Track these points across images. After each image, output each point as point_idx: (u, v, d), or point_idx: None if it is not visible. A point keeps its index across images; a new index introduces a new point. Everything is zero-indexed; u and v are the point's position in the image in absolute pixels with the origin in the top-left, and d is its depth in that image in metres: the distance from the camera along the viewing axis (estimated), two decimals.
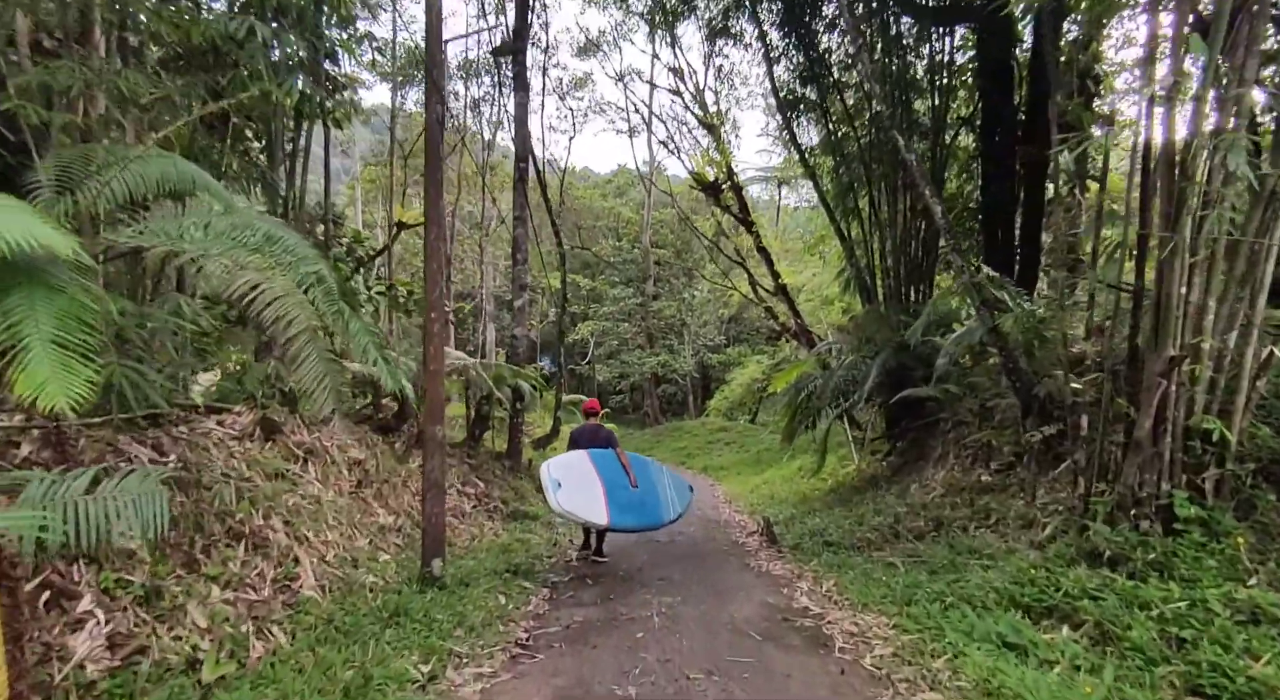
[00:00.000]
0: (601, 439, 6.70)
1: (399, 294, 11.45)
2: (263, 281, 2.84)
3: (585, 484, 5.96)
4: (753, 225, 15.60)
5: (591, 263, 34.56)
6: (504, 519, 8.12)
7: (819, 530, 7.59)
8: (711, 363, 30.85)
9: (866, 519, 7.56)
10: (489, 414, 9.49)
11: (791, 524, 8.55)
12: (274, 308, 2.85)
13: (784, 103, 12.44)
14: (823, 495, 10.70)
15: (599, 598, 5.05)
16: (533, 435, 12.80)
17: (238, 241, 2.99)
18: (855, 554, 6.44)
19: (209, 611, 3.06)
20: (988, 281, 6.02)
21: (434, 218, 4.88)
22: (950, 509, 6.69)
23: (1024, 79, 11.09)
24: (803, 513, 9.39)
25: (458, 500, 7.55)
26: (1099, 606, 3.72)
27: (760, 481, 15.25)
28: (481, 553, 6.27)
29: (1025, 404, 5.99)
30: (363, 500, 5.68)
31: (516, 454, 9.97)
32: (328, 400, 3.22)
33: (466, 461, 8.94)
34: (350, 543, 4.84)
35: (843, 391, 10.36)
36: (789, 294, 15.62)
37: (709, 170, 15.61)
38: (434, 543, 4.96)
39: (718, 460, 23.27)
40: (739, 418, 27.34)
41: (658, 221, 31.36)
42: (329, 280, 3.31)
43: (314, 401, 3.17)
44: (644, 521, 6.24)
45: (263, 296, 2.82)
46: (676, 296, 31.08)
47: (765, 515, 9.10)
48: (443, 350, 4.98)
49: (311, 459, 5.29)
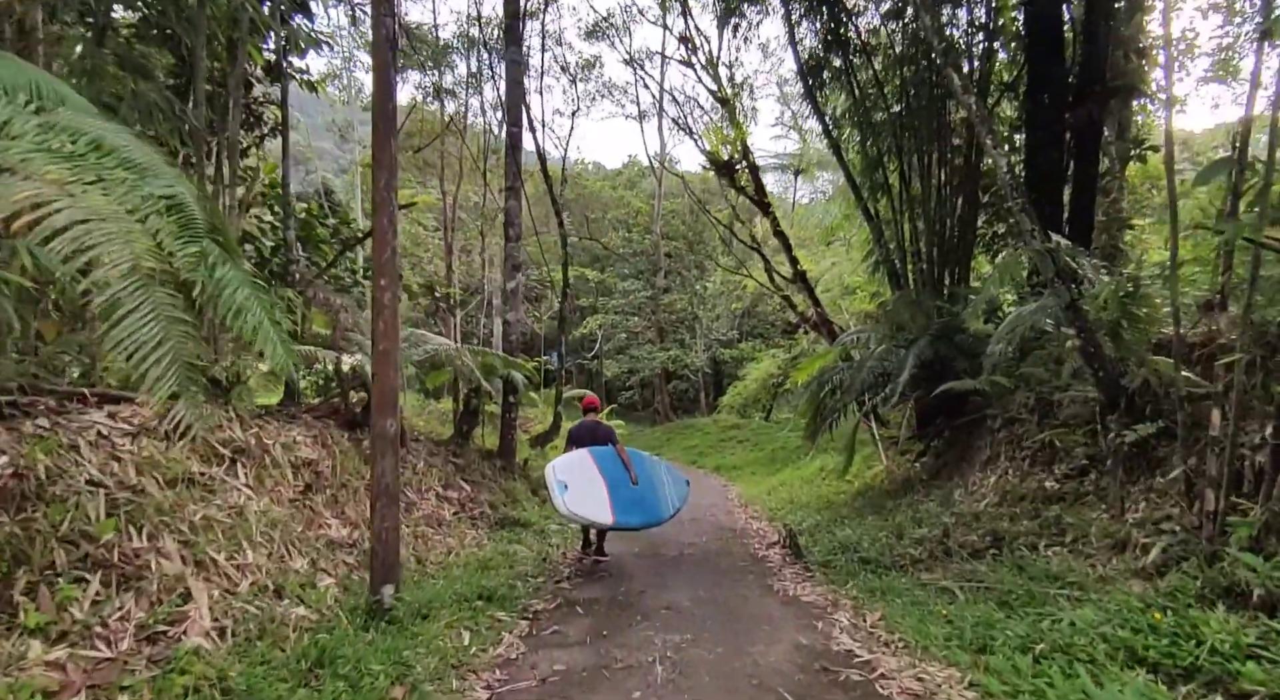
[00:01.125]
0: (601, 436, 6.56)
1: None
2: (55, 199, 1.89)
3: (590, 484, 5.89)
4: (769, 207, 14.55)
5: (601, 256, 33.60)
6: (490, 526, 7.17)
7: (851, 543, 6.57)
8: (724, 358, 29.80)
9: (906, 530, 6.53)
10: (478, 408, 8.55)
11: (817, 534, 7.54)
12: (71, 238, 1.90)
13: (806, 69, 11.38)
14: (849, 500, 9.67)
15: (589, 634, 4.08)
16: (531, 432, 11.86)
17: (43, 146, 2.06)
18: (899, 575, 5.43)
19: (9, 685, 2.13)
20: (1064, 249, 4.97)
21: (384, 161, 3.92)
22: (1009, 521, 5.65)
23: (1077, 36, 9.99)
24: (829, 520, 8.37)
25: (436, 506, 6.61)
26: (1268, 672, 2.70)
27: (777, 483, 14.23)
28: (456, 570, 5.32)
29: (1109, 397, 4.94)
30: (309, 509, 4.74)
31: (509, 452, 9.02)
32: (167, 379, 2.26)
33: (452, 461, 8.00)
34: (281, 565, 3.89)
35: (871, 385, 9.33)
36: (808, 282, 14.57)
37: (723, 150, 14.59)
38: (385, 565, 4.01)
39: (731, 459, 22.26)
40: (753, 415, 26.30)
41: (668, 211, 30.32)
42: (190, 208, 2.37)
43: (148, 380, 2.20)
44: (646, 519, 6.24)
45: (52, 221, 1.87)
46: (688, 289, 30.05)
47: (787, 524, 8.10)
48: (396, 326, 4.02)
49: (242, 460, 4.36)
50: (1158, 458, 4.63)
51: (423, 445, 7.86)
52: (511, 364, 8.37)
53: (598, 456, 6.25)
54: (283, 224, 7.22)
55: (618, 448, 6.45)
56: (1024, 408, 7.06)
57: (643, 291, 30.52)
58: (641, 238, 31.35)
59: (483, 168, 19.10)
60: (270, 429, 5.04)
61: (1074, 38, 10.07)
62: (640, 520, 6.19)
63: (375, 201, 3.97)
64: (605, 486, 6.01)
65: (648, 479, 6.64)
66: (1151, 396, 4.79)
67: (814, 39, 11.45)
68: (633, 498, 6.19)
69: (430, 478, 7.04)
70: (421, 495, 6.59)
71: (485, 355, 7.67)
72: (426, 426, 9.95)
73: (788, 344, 21.70)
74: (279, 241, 8.81)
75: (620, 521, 5.92)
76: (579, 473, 5.95)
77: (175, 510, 3.40)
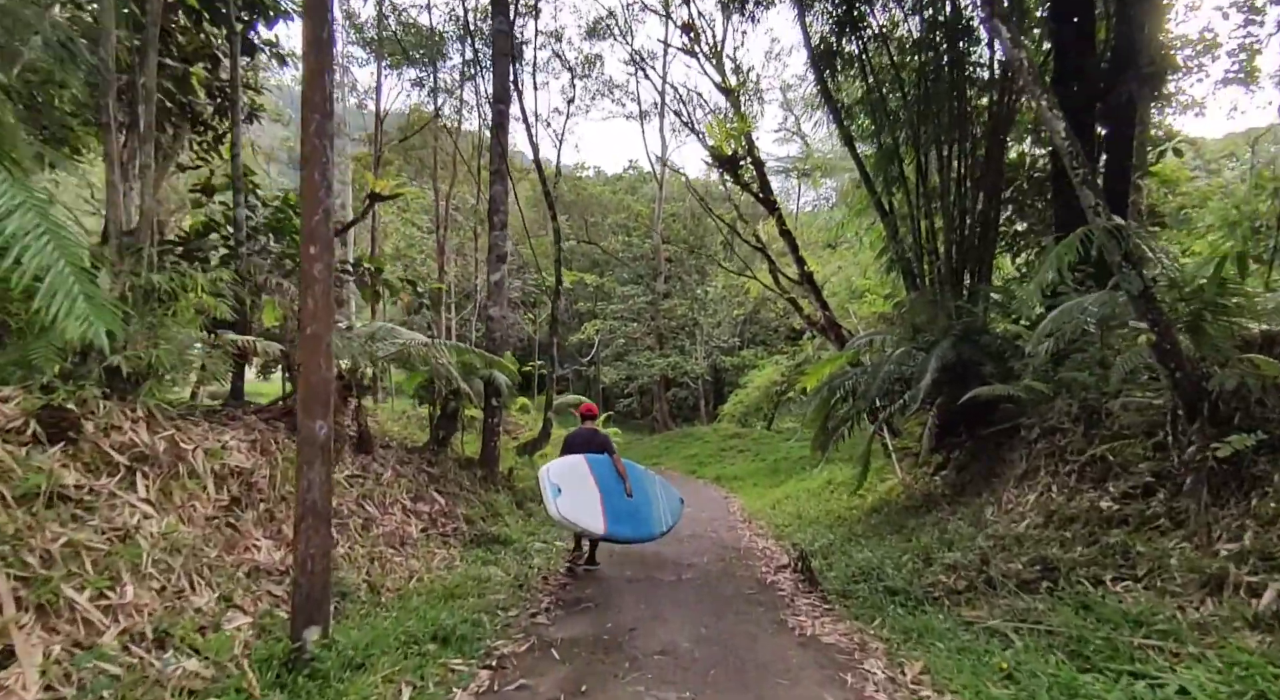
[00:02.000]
0: (597, 444, 6.42)
1: (364, 271, 9.81)
2: None
3: (584, 491, 5.77)
4: (775, 205, 13.85)
5: (600, 261, 32.90)
6: (465, 544, 6.37)
7: (873, 568, 5.77)
8: (724, 365, 29.01)
9: (935, 554, 5.73)
10: (457, 412, 7.77)
11: (832, 555, 6.73)
12: None
13: (818, 55, 10.68)
14: (863, 516, 8.87)
15: (564, 690, 3.28)
16: (519, 438, 11.07)
17: None
18: (935, 610, 4.63)
19: None
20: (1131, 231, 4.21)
21: (316, 101, 3.16)
22: (1059, 547, 4.86)
23: (1109, 18, 9.31)
24: (843, 539, 7.57)
25: (401, 522, 5.81)
26: None
27: (781, 496, 13.40)
28: (415, 599, 4.53)
29: (1188, 403, 4.17)
30: (232, 528, 3.95)
31: (492, 461, 8.22)
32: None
33: (425, 470, 7.21)
34: (176, 603, 3.10)
35: (888, 391, 8.56)
36: (815, 283, 13.84)
37: (727, 145, 13.89)
38: (310, 602, 3.22)
39: (731, 469, 21.43)
40: (754, 424, 25.50)
41: (669, 215, 29.64)
42: None
43: None
44: (638, 533, 6.15)
45: None
46: (688, 294, 29.29)
47: (798, 543, 7.31)
48: (329, 306, 3.24)
49: (144, 469, 3.57)
50: (1254, 476, 3.85)
51: (393, 452, 7.07)
52: (494, 363, 7.60)
53: (594, 464, 6.09)
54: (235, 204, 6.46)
55: (614, 458, 6.28)
56: (1065, 416, 6.28)
57: (642, 296, 29.77)
58: (642, 241, 30.64)
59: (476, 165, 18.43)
60: (194, 432, 4.26)
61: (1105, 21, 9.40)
62: (632, 533, 6.08)
63: (304, 152, 3.20)
64: (599, 494, 5.87)
65: (643, 492, 6.50)
66: (1241, 402, 4.03)
67: (825, 24, 10.76)
68: (626, 509, 6.06)
69: (397, 489, 6.25)
70: (385, 510, 5.79)
71: (464, 353, 6.90)
72: (404, 432, 9.15)
73: (791, 350, 20.94)
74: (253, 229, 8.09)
75: (612, 531, 5.77)
76: (574, 478, 5.81)
77: (21, 536, 2.61)
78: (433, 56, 18.16)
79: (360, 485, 5.68)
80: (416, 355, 6.32)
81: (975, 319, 8.46)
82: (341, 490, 5.35)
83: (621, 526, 5.89)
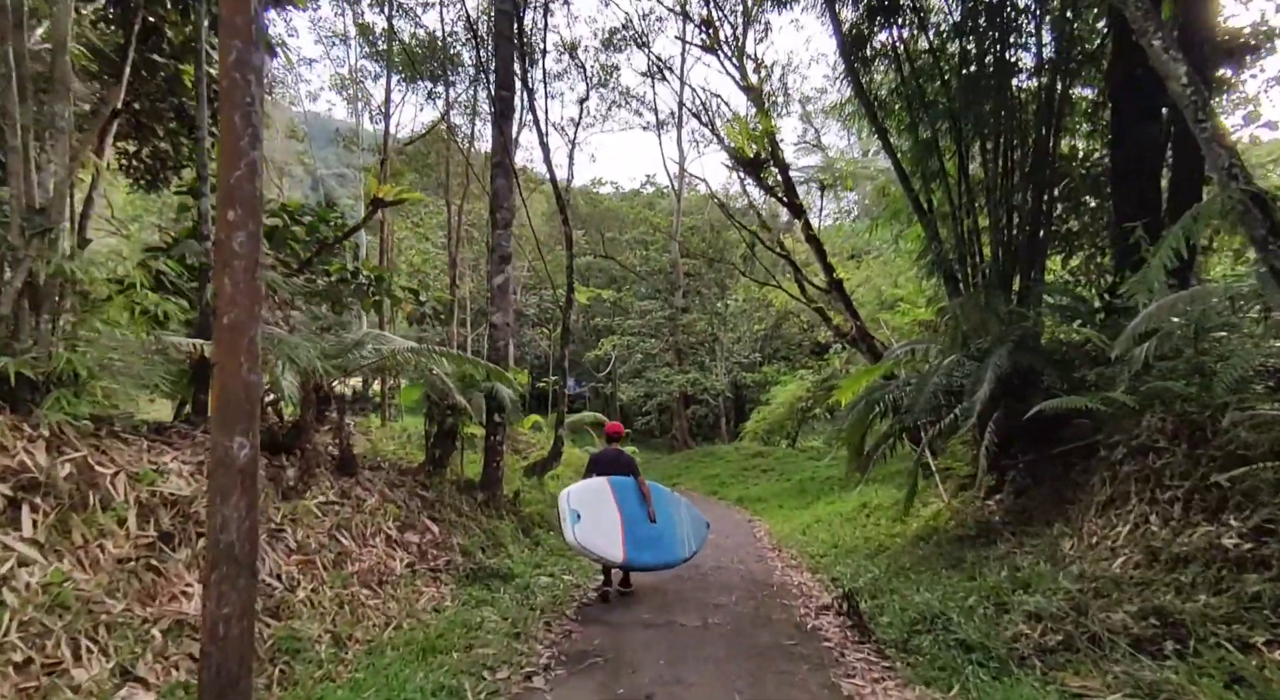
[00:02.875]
0: (623, 465, 6.26)
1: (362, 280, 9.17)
2: None
3: (604, 516, 5.62)
4: (801, 209, 13.06)
5: (617, 276, 32.31)
6: (460, 581, 5.57)
7: (934, 613, 4.85)
8: (745, 382, 28.08)
9: (1009, 598, 4.81)
10: (456, 429, 7.01)
11: (882, 594, 5.81)
12: None
13: (848, 43, 9.95)
14: (908, 546, 7.93)
15: None
16: (529, 458, 10.30)
17: None
18: (1025, 674, 3.73)
19: None
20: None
21: (235, 24, 2.45)
22: (1177, 594, 3.94)
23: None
24: (890, 574, 6.65)
25: (384, 556, 5.04)
26: None
27: (811, 520, 12.44)
28: (388, 655, 3.73)
29: None
30: (154, 573, 3.20)
31: (494, 484, 7.42)
32: None
33: (419, 495, 6.45)
34: (43, 681, 2.33)
35: (936, 406, 7.66)
36: (845, 292, 12.97)
37: (749, 146, 13.18)
38: (223, 678, 2.44)
39: (755, 490, 20.44)
40: (777, 442, 24.49)
41: (688, 228, 28.96)
42: None
43: None
44: (660, 559, 5.99)
45: None
46: (708, 309, 28.49)
47: (839, 581, 6.42)
48: (255, 289, 2.50)
49: (34, 500, 2.84)
50: None
51: (382, 474, 6.33)
52: (497, 375, 6.85)
53: (617, 487, 5.93)
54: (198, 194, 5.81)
55: (639, 480, 6.14)
56: (1159, 433, 5.35)
57: (660, 311, 29.04)
58: (660, 255, 29.97)
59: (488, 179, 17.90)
60: (121, 454, 3.53)
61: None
62: (653, 560, 5.90)
63: (222, 90, 2.49)
64: (620, 520, 5.70)
65: (666, 517, 6.29)
66: None
67: (856, 10, 10.04)
68: (649, 535, 5.88)
69: (382, 517, 5.48)
70: (365, 542, 5.02)
71: (462, 361, 6.14)
72: (402, 451, 8.41)
73: (817, 365, 19.99)
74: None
75: (632, 559, 5.63)
76: (594, 503, 5.65)
77: None
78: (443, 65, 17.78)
79: (336, 513, 4.92)
80: (405, 364, 5.58)
81: (1031, 324, 7.57)
82: (312, 520, 4.59)
83: (643, 554, 5.75)
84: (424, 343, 7.64)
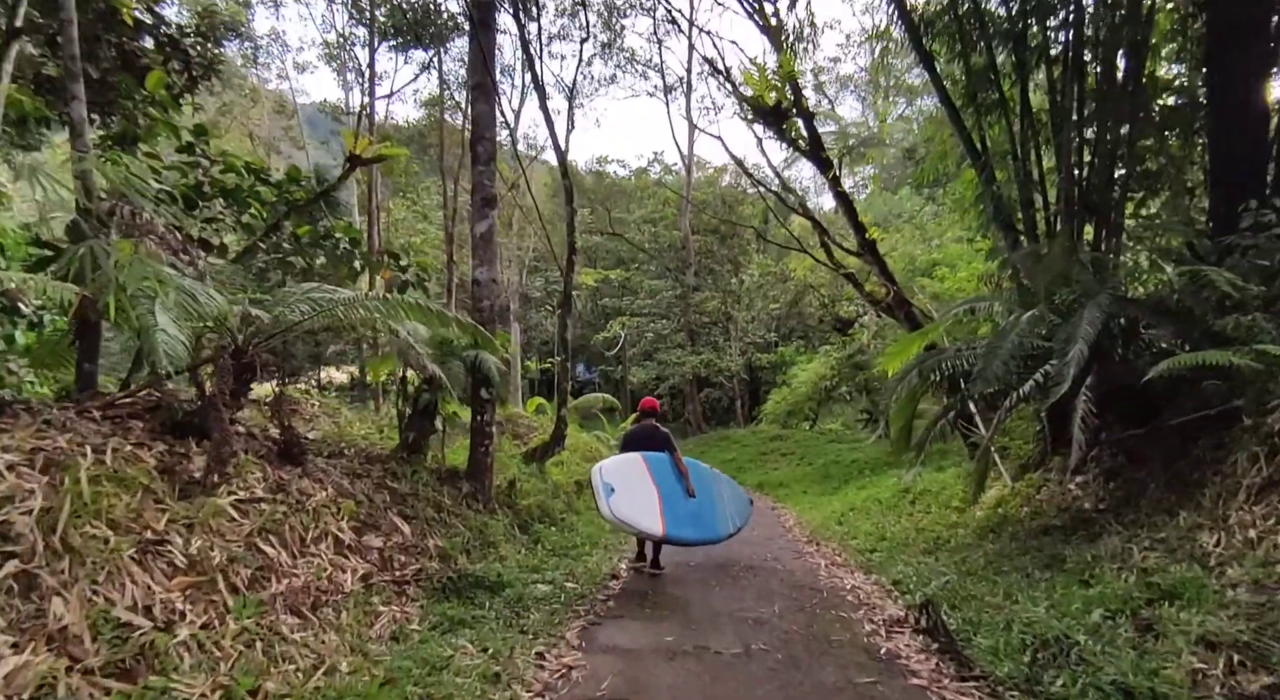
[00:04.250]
0: (658, 442, 6.06)
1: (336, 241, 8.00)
2: None
3: (640, 491, 5.53)
4: (829, 164, 11.74)
5: (626, 257, 31.01)
6: (433, 594, 4.42)
7: (1052, 635, 3.63)
8: (761, 363, 26.80)
9: (1153, 613, 3.60)
10: (433, 408, 5.82)
11: (964, 604, 4.59)
12: None
13: None
14: (973, 539, 6.72)
15: None
16: (529, 442, 9.15)
17: None
18: None
19: None
20: None
21: None
22: None
23: None
24: (964, 573, 5.45)
25: (327, 567, 3.88)
26: None
27: (845, 507, 11.24)
28: None
29: None
30: None
31: (483, 472, 6.23)
32: None
33: (388, 487, 5.31)
34: None
35: (1008, 374, 6.38)
36: (879, 254, 11.68)
37: (769, 94, 11.84)
38: None
39: (776, 475, 19.28)
40: (796, 425, 23.28)
41: (699, 201, 27.60)
42: None
43: None
44: (701, 535, 5.99)
45: None
46: (720, 287, 27.15)
47: (907, 587, 5.22)
48: None
49: None
50: None
51: (340, 463, 5.18)
52: (482, 341, 5.65)
53: (652, 462, 5.82)
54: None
55: (675, 456, 5.99)
56: None
57: (671, 291, 27.74)
58: (669, 232, 28.62)
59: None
60: None
61: None
62: (695, 535, 5.89)
63: None
64: (658, 495, 5.62)
65: (706, 492, 6.20)
66: None
67: None
68: (689, 511, 5.82)
69: (332, 516, 4.32)
70: (301, 550, 3.86)
71: (436, 318, 4.90)
72: (376, 437, 7.23)
73: (841, 341, 18.67)
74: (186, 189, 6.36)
75: (673, 534, 5.59)
76: (629, 477, 5.55)
77: None
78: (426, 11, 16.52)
79: (263, 514, 3.75)
80: (357, 323, 4.39)
81: (1124, 273, 6.30)
82: (223, 524, 3.43)
83: (684, 529, 5.69)
84: None
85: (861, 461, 17.72)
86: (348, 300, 4.14)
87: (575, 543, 6.84)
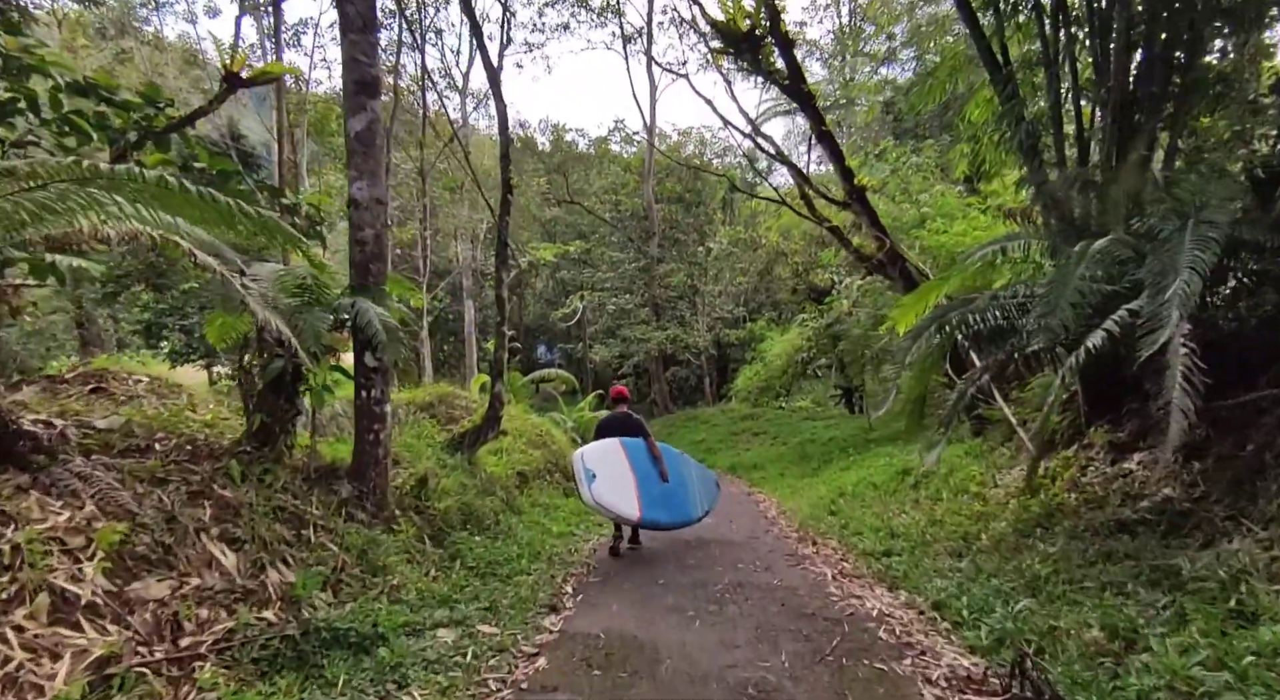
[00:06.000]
0: (631, 428, 6.15)
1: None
2: None
3: (619, 476, 5.68)
4: (810, 98, 10.17)
5: (585, 230, 29.12)
6: (247, 670, 2.74)
7: None
8: (729, 340, 25.40)
9: None
10: (292, 382, 4.08)
11: (1053, 642, 3.12)
12: None
13: None
14: (1017, 536, 5.28)
15: None
16: (461, 426, 7.45)
17: None
18: None
19: None
20: None
21: None
22: None
23: None
24: (1030, 589, 4.01)
25: (31, 647, 2.16)
26: None
27: (832, 492, 9.83)
28: None
29: None
30: None
31: (371, 467, 4.51)
32: None
33: (213, 495, 3.60)
34: None
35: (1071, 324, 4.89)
36: (868, 203, 10.21)
37: (742, 18, 10.19)
38: None
39: (748, 456, 17.97)
40: (767, 403, 22.00)
41: (663, 166, 25.85)
42: None
43: None
44: (674, 518, 6.11)
45: None
46: (686, 258, 25.56)
47: (960, 617, 3.75)
48: None
49: None
50: None
51: (129, 464, 3.44)
52: (362, 286, 3.92)
53: (629, 448, 5.95)
54: None
55: (649, 442, 6.13)
56: None
57: (634, 262, 26.05)
58: (630, 199, 26.83)
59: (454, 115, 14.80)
60: None
61: None
62: (667, 518, 6.00)
63: None
64: (634, 480, 5.76)
65: (678, 476, 6.34)
66: None
67: None
68: (661, 494, 5.96)
69: (69, 555, 2.61)
70: None
71: (271, 230, 3.16)
72: (228, 425, 5.37)
73: (817, 311, 17.30)
74: None
75: (648, 518, 5.72)
76: (609, 463, 5.68)
77: None
78: None
79: None
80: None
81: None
82: None
83: (657, 512, 5.83)
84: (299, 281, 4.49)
85: (840, 439, 16.48)
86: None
87: (509, 555, 5.23)
